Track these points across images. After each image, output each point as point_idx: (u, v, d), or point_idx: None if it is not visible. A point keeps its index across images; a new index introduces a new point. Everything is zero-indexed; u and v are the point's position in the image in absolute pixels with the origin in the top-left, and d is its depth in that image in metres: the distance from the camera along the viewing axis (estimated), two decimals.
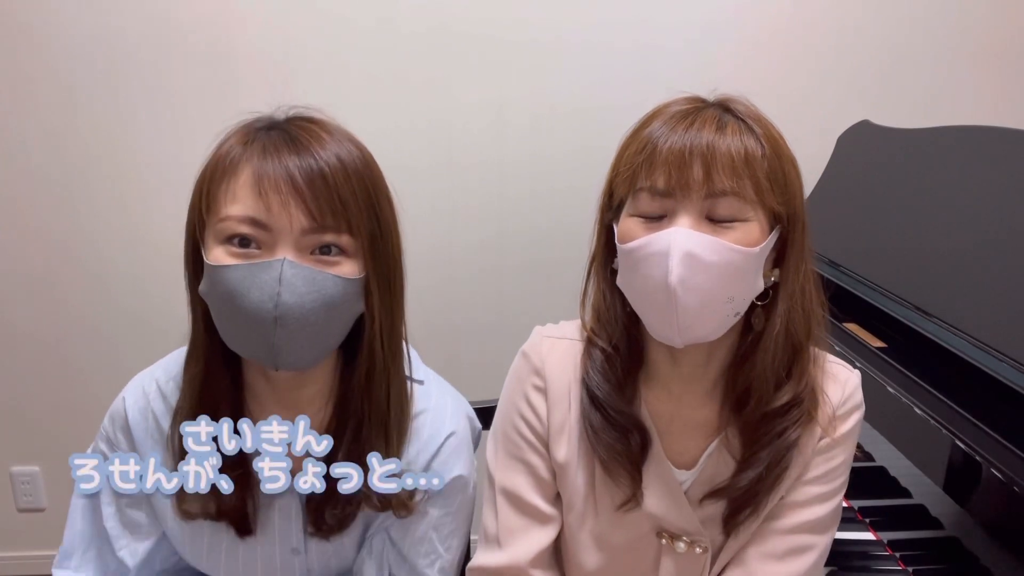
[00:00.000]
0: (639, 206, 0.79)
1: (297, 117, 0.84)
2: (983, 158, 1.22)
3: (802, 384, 0.84)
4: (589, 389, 0.88)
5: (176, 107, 1.81)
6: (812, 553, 0.87)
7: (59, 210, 1.87)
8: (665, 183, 0.77)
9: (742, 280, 0.78)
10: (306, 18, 1.77)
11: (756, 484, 0.84)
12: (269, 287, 0.75)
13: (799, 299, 0.82)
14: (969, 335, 1.01)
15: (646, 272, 0.77)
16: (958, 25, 1.83)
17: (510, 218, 1.90)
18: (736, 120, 0.79)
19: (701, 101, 0.82)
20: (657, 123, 0.79)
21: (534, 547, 0.90)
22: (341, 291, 0.79)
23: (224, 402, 0.86)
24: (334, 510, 0.88)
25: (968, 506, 0.97)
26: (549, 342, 0.92)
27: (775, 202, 0.78)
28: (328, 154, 0.79)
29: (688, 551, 0.89)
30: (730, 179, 0.75)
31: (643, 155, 0.78)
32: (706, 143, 0.76)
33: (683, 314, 0.76)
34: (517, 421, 0.92)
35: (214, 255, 0.78)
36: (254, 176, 0.77)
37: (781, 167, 0.79)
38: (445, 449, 0.91)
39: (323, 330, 0.79)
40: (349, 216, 0.78)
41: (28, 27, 1.75)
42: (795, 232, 0.81)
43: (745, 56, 1.83)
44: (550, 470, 0.91)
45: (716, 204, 0.76)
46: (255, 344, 0.78)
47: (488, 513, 0.94)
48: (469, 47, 1.80)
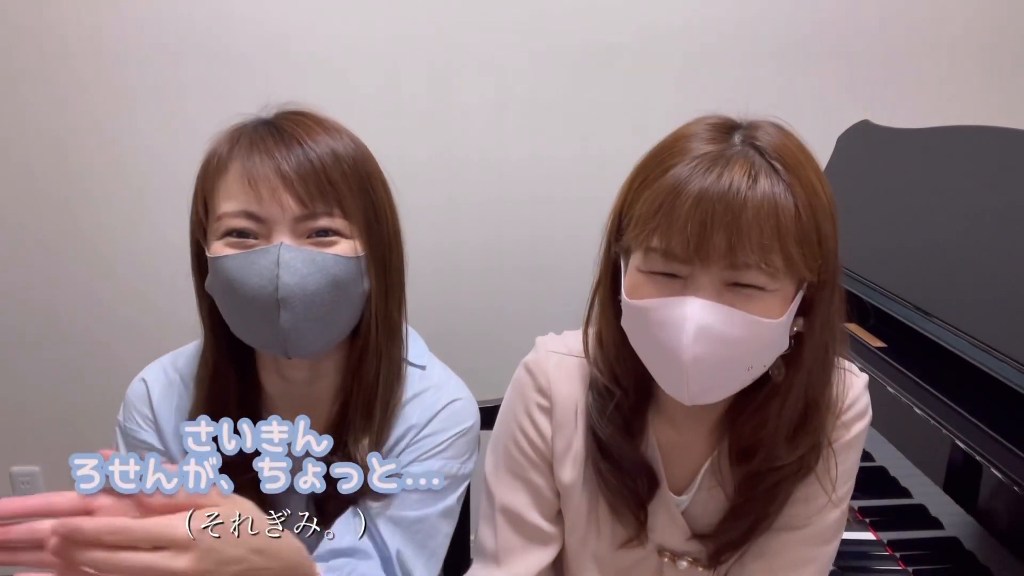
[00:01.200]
0: (651, 265, 0.71)
1: (284, 112, 0.85)
2: (983, 158, 1.22)
3: (812, 440, 0.79)
4: (594, 432, 0.83)
5: (176, 107, 1.81)
6: (814, 565, 0.85)
7: (59, 210, 1.87)
8: (683, 250, 0.68)
9: (764, 350, 0.72)
10: (306, 18, 1.77)
11: (744, 535, 0.82)
12: (268, 271, 0.76)
13: (823, 354, 0.76)
14: (969, 335, 1.01)
15: (657, 337, 0.71)
16: (958, 25, 1.83)
17: (510, 218, 1.90)
18: (768, 168, 0.68)
19: (728, 134, 0.72)
20: (681, 166, 0.69)
21: (533, 567, 0.87)
22: (343, 269, 0.80)
23: (232, 404, 0.86)
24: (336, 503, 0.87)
25: (968, 506, 0.97)
26: (556, 359, 0.87)
27: (806, 267, 0.69)
28: (315, 142, 0.80)
29: (690, 569, 0.87)
30: (756, 253, 0.66)
31: (661, 212, 0.69)
32: (734, 205, 0.66)
33: (695, 382, 0.71)
34: (520, 439, 0.88)
35: (214, 249, 0.80)
36: (243, 171, 0.78)
37: (815, 224, 0.69)
38: (446, 411, 0.90)
39: (330, 311, 0.80)
40: (340, 198, 0.80)
41: (28, 27, 1.75)
42: (827, 283, 0.73)
43: (746, 56, 1.83)
44: (553, 489, 0.88)
45: (739, 276, 0.68)
46: (263, 332, 0.79)
47: (486, 529, 0.90)
48: (469, 47, 1.80)
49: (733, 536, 0.83)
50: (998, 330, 0.98)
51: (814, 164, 0.73)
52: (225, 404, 0.86)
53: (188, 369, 0.92)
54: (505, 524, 0.88)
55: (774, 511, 0.82)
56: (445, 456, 0.90)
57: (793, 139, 0.73)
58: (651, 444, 0.84)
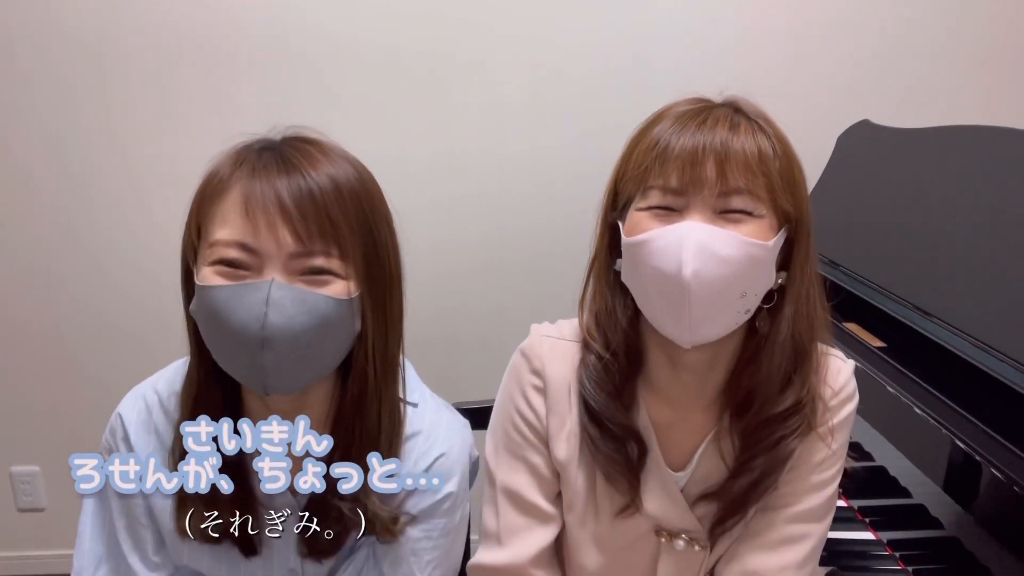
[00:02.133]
0: (650, 201, 0.79)
1: (291, 138, 0.82)
2: (983, 158, 1.22)
3: (805, 389, 0.84)
4: (585, 400, 0.87)
5: (176, 107, 1.81)
6: (807, 542, 0.87)
7: (59, 211, 1.87)
8: (678, 180, 0.76)
9: (754, 274, 0.78)
10: (305, 18, 1.77)
11: (748, 491, 0.84)
12: (256, 308, 0.73)
13: (804, 303, 0.82)
14: (969, 335, 1.01)
15: (657, 265, 0.76)
16: (958, 25, 1.83)
17: (509, 216, 1.90)
18: (748, 120, 0.79)
19: (709, 102, 0.82)
20: (667, 122, 0.79)
21: (535, 546, 0.90)
22: (334, 310, 0.77)
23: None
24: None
25: (968, 506, 0.97)
26: (549, 342, 0.91)
27: (786, 202, 0.78)
28: (320, 174, 0.77)
29: (687, 548, 0.89)
30: (744, 176, 0.75)
31: (654, 153, 0.78)
32: (719, 141, 0.76)
33: (696, 308, 0.75)
34: (517, 420, 0.91)
35: (203, 275, 0.77)
36: (242, 198, 0.76)
37: (791, 169, 0.79)
38: (432, 471, 0.89)
39: (315, 352, 0.78)
40: (339, 238, 0.77)
41: (28, 26, 1.75)
42: (801, 235, 0.81)
43: (745, 56, 1.83)
44: (551, 469, 0.91)
45: (729, 201, 0.76)
46: (242, 366, 0.77)
47: (488, 511, 0.93)
48: (469, 46, 1.80)
49: (736, 494, 0.85)
50: (998, 330, 0.98)
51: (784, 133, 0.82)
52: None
53: (168, 390, 0.90)
54: (507, 504, 0.91)
55: (776, 467, 0.84)
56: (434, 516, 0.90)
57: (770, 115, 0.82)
58: (643, 417, 0.88)
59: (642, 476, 0.88)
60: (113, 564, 0.91)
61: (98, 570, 0.91)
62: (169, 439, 0.88)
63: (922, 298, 1.14)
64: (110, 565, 0.91)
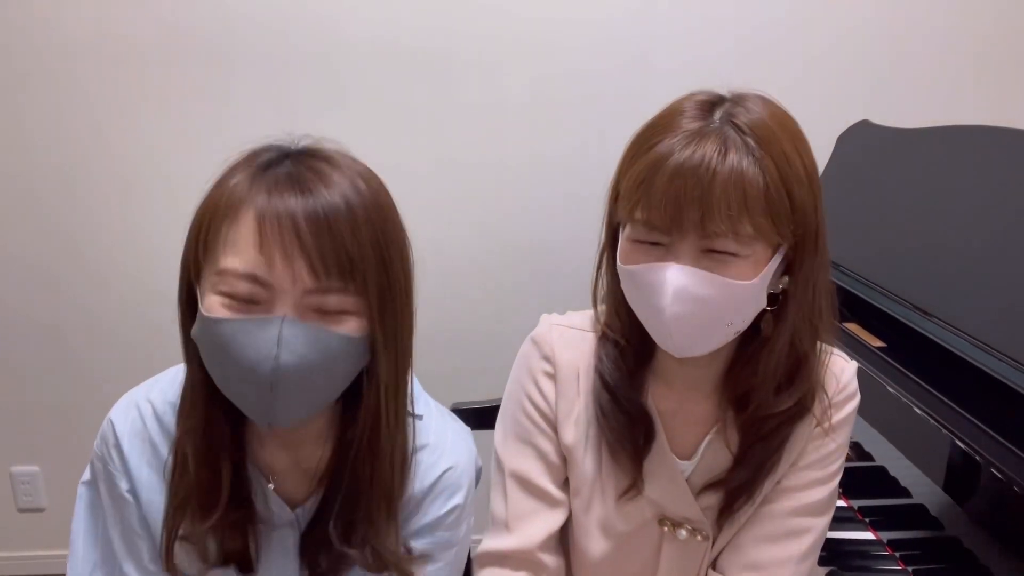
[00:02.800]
0: (636, 234, 0.79)
1: (306, 154, 0.77)
2: (983, 158, 1.22)
3: (802, 390, 0.85)
4: (602, 376, 0.90)
5: (177, 108, 1.80)
6: (808, 536, 0.88)
7: (58, 211, 1.87)
8: (662, 222, 0.76)
9: (741, 309, 0.79)
10: (306, 18, 1.77)
11: (753, 477, 0.87)
12: (266, 347, 0.70)
13: (808, 310, 0.82)
14: (969, 335, 1.01)
15: (645, 297, 0.79)
16: (958, 25, 1.83)
17: (510, 215, 1.90)
18: (737, 150, 0.74)
19: (711, 111, 0.78)
20: (665, 141, 0.76)
21: (543, 531, 0.91)
22: (344, 349, 0.74)
23: (225, 451, 0.81)
24: (328, 554, 0.85)
25: (968, 506, 0.97)
26: (559, 330, 0.94)
27: (775, 236, 0.76)
28: (336, 198, 0.72)
29: (689, 538, 0.90)
30: (725, 223, 0.73)
31: (642, 188, 0.76)
32: (702, 184, 0.73)
33: (679, 339, 0.79)
34: (527, 405, 0.93)
35: (208, 303, 0.72)
36: (257, 225, 0.70)
37: (786, 192, 0.75)
38: (439, 485, 0.88)
39: (322, 388, 0.76)
40: (356, 274, 0.73)
41: (28, 26, 1.75)
42: (807, 244, 0.79)
43: (745, 56, 1.83)
44: (559, 454, 0.93)
45: (712, 243, 0.76)
46: (249, 402, 0.74)
47: (497, 497, 0.94)
48: (469, 46, 1.80)
49: (742, 481, 0.87)
50: (998, 330, 0.98)
51: (792, 133, 0.79)
52: (217, 451, 0.81)
53: (162, 399, 0.87)
54: (515, 488, 0.93)
55: (774, 451, 0.87)
56: (440, 529, 0.89)
57: (776, 110, 0.79)
58: (649, 401, 0.90)
59: (647, 462, 0.89)
60: (108, 571, 0.89)
61: None
62: (164, 450, 0.85)
63: (922, 298, 1.14)
64: (105, 571, 0.89)
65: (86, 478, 0.91)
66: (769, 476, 0.87)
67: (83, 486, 0.91)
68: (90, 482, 0.90)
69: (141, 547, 0.87)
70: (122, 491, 0.85)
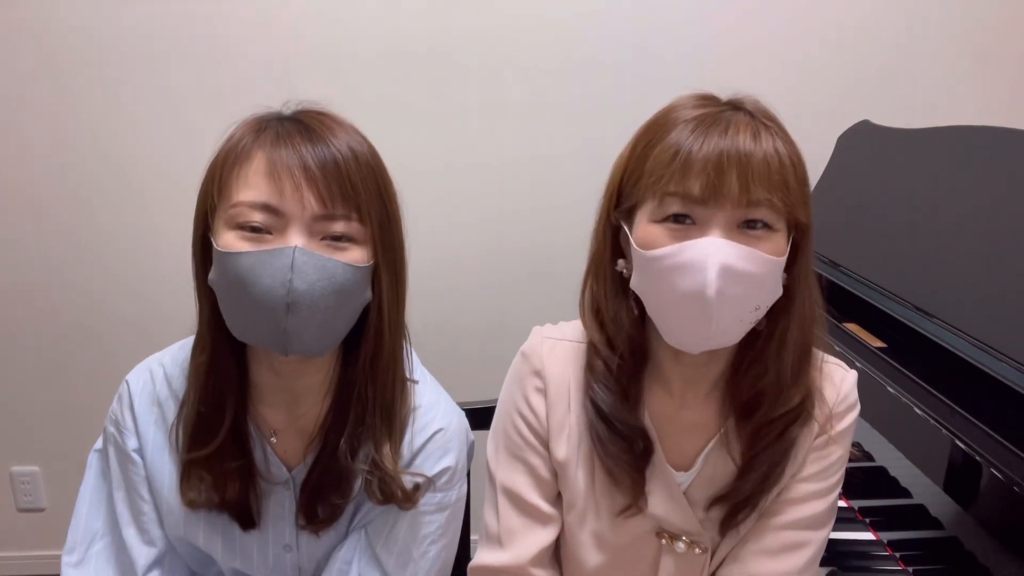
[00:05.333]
0: (667, 210, 0.76)
1: (307, 110, 0.85)
2: (983, 158, 1.22)
3: (806, 386, 0.85)
4: (594, 402, 0.87)
5: (177, 105, 1.81)
6: (808, 549, 0.87)
7: (59, 210, 1.87)
8: (701, 191, 0.74)
9: (769, 289, 0.78)
10: (306, 17, 1.77)
11: (759, 485, 0.85)
12: (281, 274, 0.75)
13: (808, 302, 0.83)
14: (969, 335, 1.01)
15: (678, 282, 0.75)
16: (958, 25, 1.83)
17: (510, 215, 1.90)
18: (766, 127, 0.77)
19: (717, 102, 0.80)
20: (684, 127, 0.77)
21: (535, 546, 0.90)
22: (351, 278, 0.79)
23: (230, 392, 0.86)
24: (325, 504, 0.89)
25: (968, 506, 0.97)
26: (549, 343, 0.92)
27: (801, 213, 0.77)
28: (340, 143, 0.80)
29: (688, 551, 0.89)
30: (766, 189, 0.74)
31: (677, 161, 0.75)
32: (743, 151, 0.74)
33: (716, 324, 0.75)
34: (517, 421, 0.92)
35: (224, 240, 0.78)
36: (267, 161, 0.78)
37: (804, 176, 0.79)
38: (432, 444, 0.92)
39: (333, 317, 0.80)
40: (360, 203, 0.80)
41: (28, 26, 1.75)
42: (806, 237, 0.81)
43: (745, 56, 1.83)
44: (551, 470, 0.92)
45: (750, 213, 0.75)
46: (266, 330, 0.78)
47: (489, 512, 0.94)
48: (469, 46, 1.80)
49: (747, 491, 0.85)
50: (998, 330, 0.98)
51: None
52: (222, 391, 0.86)
53: (173, 364, 0.93)
54: (507, 505, 0.92)
55: (781, 457, 0.85)
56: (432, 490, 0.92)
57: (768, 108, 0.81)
58: (646, 416, 0.88)
59: (647, 477, 0.88)
60: (110, 540, 0.93)
61: (93, 545, 0.92)
62: (170, 412, 0.90)
63: (922, 298, 1.14)
64: (106, 541, 0.93)
65: (98, 446, 0.95)
66: (774, 486, 0.86)
67: (94, 454, 0.95)
68: (101, 450, 0.94)
69: (144, 510, 0.91)
70: (129, 450, 0.90)
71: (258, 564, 0.94)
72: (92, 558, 0.92)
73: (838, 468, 0.89)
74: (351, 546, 0.93)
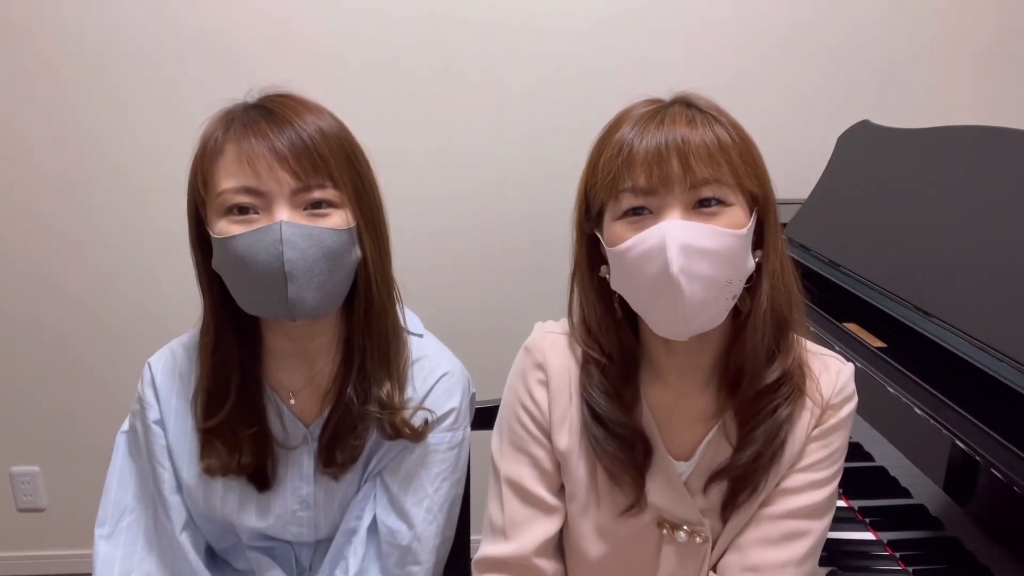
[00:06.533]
0: (623, 206, 0.81)
1: (270, 95, 0.92)
2: (983, 158, 1.21)
3: (790, 359, 0.87)
4: (591, 407, 0.89)
5: (175, 107, 1.81)
6: (808, 539, 0.88)
7: (59, 210, 1.87)
8: (646, 180, 0.78)
9: (737, 262, 0.80)
10: (306, 16, 1.78)
11: (754, 462, 0.86)
12: (273, 248, 0.83)
13: (779, 276, 0.86)
14: (969, 335, 1.01)
15: (644, 269, 0.79)
16: (958, 25, 1.83)
17: (509, 211, 1.90)
18: (702, 114, 0.81)
19: (662, 101, 0.85)
20: (626, 127, 0.82)
21: (539, 537, 0.92)
22: (336, 240, 0.87)
23: (234, 367, 0.95)
24: (344, 447, 0.97)
25: (968, 506, 0.97)
26: (551, 337, 0.95)
27: (752, 184, 0.81)
28: (304, 121, 0.87)
29: (688, 540, 0.90)
30: (708, 167, 0.78)
31: (620, 158, 0.80)
32: (680, 137, 0.78)
33: (688, 303, 0.78)
34: (520, 413, 0.94)
35: (218, 228, 0.86)
36: (240, 152, 0.85)
37: (750, 152, 0.82)
38: (439, 386, 1.01)
39: (328, 279, 0.88)
40: (331, 170, 0.87)
41: (28, 26, 1.75)
42: (769, 213, 0.84)
43: (745, 56, 1.83)
44: (554, 462, 0.93)
45: (699, 192, 0.79)
46: (272, 301, 0.86)
47: (493, 504, 0.96)
48: (469, 44, 1.80)
49: (742, 468, 0.87)
50: (998, 330, 0.98)
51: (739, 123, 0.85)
52: (227, 367, 0.95)
53: (190, 342, 1.01)
54: (511, 496, 0.94)
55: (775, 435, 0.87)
56: (440, 429, 1.00)
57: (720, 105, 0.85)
58: (645, 412, 0.90)
59: (647, 474, 0.89)
60: (139, 514, 1.00)
61: (123, 519, 0.99)
62: (190, 383, 0.99)
63: (922, 298, 1.14)
64: (135, 515, 0.99)
65: (125, 428, 1.03)
66: (772, 466, 0.87)
67: (122, 435, 1.02)
68: (128, 431, 1.02)
69: (163, 476, 0.98)
70: (150, 421, 0.98)
71: (275, 523, 1.00)
72: (122, 531, 0.99)
73: (837, 459, 0.90)
74: (366, 494, 1.00)
